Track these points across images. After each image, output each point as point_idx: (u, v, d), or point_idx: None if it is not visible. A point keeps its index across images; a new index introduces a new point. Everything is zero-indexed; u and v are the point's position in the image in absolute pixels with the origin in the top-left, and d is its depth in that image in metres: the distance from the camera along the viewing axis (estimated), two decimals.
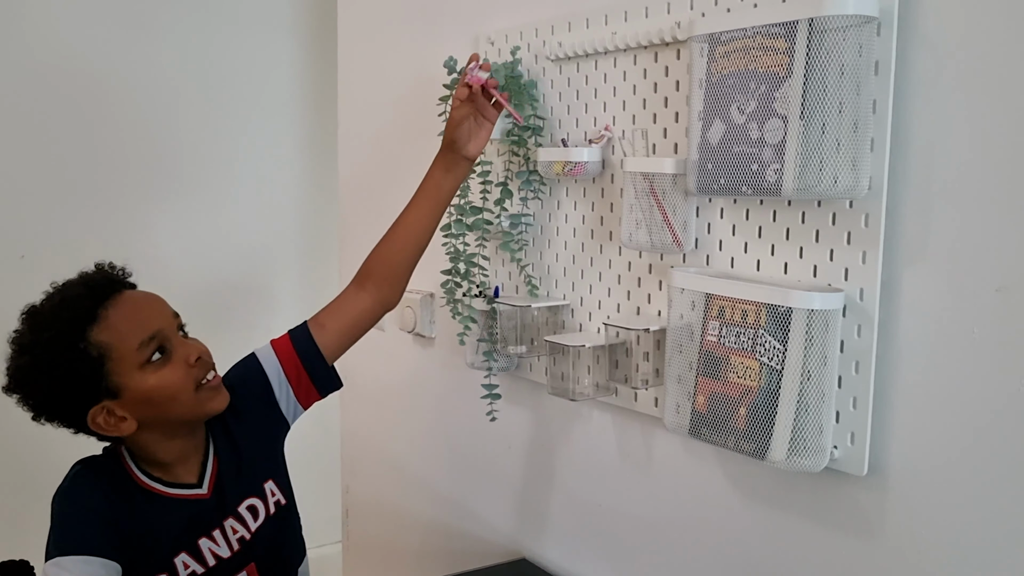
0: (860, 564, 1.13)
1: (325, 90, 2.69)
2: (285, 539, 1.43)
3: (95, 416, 1.23)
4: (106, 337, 1.21)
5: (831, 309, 1.08)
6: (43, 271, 1.32)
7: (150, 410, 1.24)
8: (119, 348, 1.21)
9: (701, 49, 1.18)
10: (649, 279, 1.40)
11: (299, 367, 1.42)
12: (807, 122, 1.06)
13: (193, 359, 1.26)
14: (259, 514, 1.37)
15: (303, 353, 1.42)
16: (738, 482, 1.29)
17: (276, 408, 1.42)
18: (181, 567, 1.29)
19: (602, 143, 1.44)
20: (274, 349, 1.43)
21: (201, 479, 1.33)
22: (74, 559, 1.17)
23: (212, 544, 1.32)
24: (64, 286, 1.27)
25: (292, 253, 2.89)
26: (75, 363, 1.20)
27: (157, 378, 1.23)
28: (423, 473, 2.10)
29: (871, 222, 1.07)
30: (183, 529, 1.30)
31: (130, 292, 1.28)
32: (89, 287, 1.25)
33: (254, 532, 1.36)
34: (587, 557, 1.60)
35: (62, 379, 1.20)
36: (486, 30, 1.71)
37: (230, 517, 1.34)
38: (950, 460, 1.02)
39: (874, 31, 1.04)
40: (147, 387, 1.22)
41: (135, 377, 1.22)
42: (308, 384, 1.43)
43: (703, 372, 1.20)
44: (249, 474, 1.38)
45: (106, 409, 1.23)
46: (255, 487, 1.38)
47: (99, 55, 2.53)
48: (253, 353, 1.43)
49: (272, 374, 1.41)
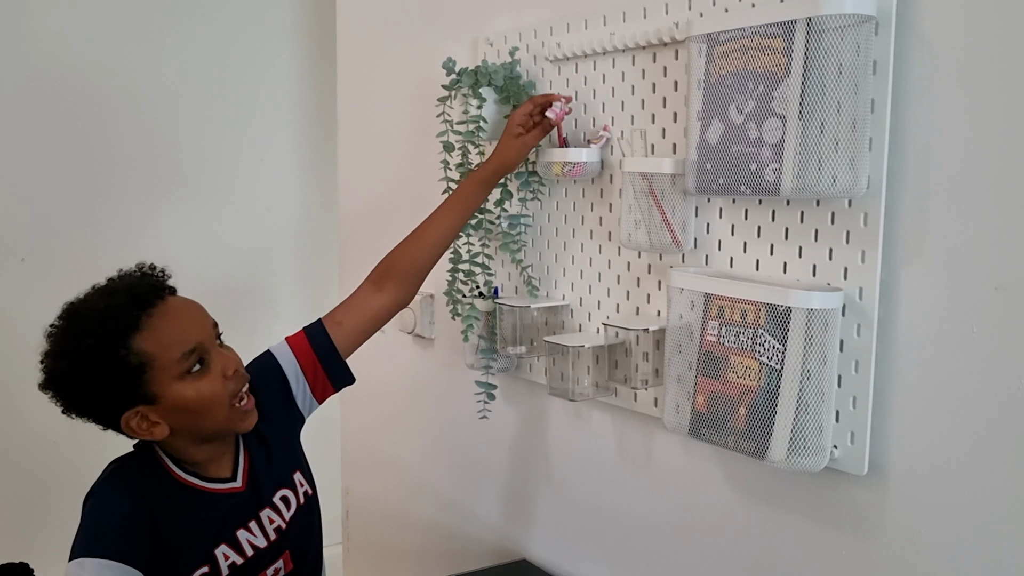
0: (860, 563, 1.13)
1: (325, 92, 2.69)
2: (313, 527, 1.46)
3: (129, 420, 1.24)
4: (149, 346, 1.21)
5: (830, 308, 1.08)
6: (44, 274, 1.32)
7: (184, 418, 1.26)
8: (161, 358, 1.22)
9: (699, 49, 1.19)
10: (648, 279, 1.40)
11: (316, 363, 1.45)
12: (805, 122, 1.06)
13: (230, 372, 1.28)
14: (291, 504, 1.40)
15: (320, 349, 1.45)
16: (738, 482, 1.29)
17: (293, 403, 1.45)
18: (222, 558, 1.31)
19: (601, 144, 1.44)
20: (290, 346, 1.46)
21: (235, 473, 1.35)
22: (96, 562, 1.18)
23: (250, 535, 1.34)
24: (108, 290, 1.26)
25: (292, 254, 2.90)
26: (115, 370, 1.20)
27: (195, 389, 1.24)
28: (423, 474, 2.10)
29: (870, 221, 1.07)
30: (222, 522, 1.32)
31: (173, 300, 1.28)
32: (134, 294, 1.24)
33: (288, 521, 1.39)
34: (587, 557, 1.60)
35: (101, 384, 1.21)
36: (485, 31, 1.71)
37: (267, 507, 1.37)
38: (950, 459, 1.02)
39: (872, 31, 1.04)
40: (185, 397, 1.24)
41: (173, 387, 1.23)
42: (324, 379, 1.46)
43: (703, 372, 1.20)
44: (279, 466, 1.41)
45: (140, 414, 1.23)
46: (286, 478, 1.41)
47: (100, 58, 2.53)
48: (269, 350, 1.46)
49: (289, 370, 1.44)
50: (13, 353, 1.65)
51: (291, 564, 1.40)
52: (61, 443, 1.38)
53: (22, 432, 2.48)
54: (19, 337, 1.41)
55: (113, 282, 1.29)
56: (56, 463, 1.31)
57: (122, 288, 1.26)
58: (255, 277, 2.83)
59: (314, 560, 1.46)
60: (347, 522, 2.50)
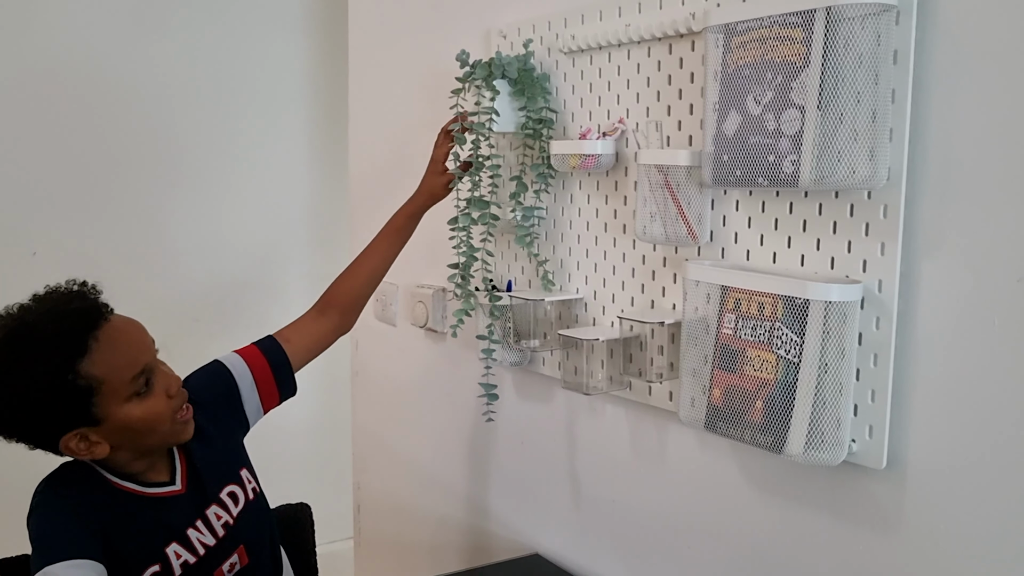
0: (878, 558, 1.12)
1: (336, 85, 2.69)
2: (263, 524, 1.48)
3: (68, 441, 1.22)
4: (98, 371, 1.19)
5: (849, 301, 1.07)
6: (55, 268, 1.32)
7: (127, 437, 1.26)
8: (111, 382, 1.21)
9: (716, 40, 1.17)
10: (663, 272, 1.39)
11: (269, 374, 1.52)
12: (824, 112, 1.04)
13: (173, 390, 1.30)
14: (239, 499, 1.43)
15: (274, 362, 1.52)
16: (754, 476, 1.29)
17: (241, 409, 1.50)
18: (173, 556, 1.32)
19: (615, 136, 1.43)
20: (243, 358, 1.52)
21: (173, 476, 1.37)
22: (61, 565, 1.17)
23: (199, 534, 1.36)
24: (53, 312, 1.21)
25: (303, 248, 2.90)
26: (61, 395, 1.18)
27: (142, 409, 1.25)
28: (434, 468, 2.10)
29: (890, 213, 1.05)
30: (167, 523, 1.33)
31: (116, 320, 1.26)
32: (80, 314, 1.22)
33: (236, 516, 1.41)
34: (600, 552, 1.59)
35: (42, 409, 1.19)
36: (498, 23, 1.70)
37: (213, 504, 1.39)
38: (970, 453, 1.01)
39: (892, 20, 1.02)
40: (131, 418, 1.24)
41: (121, 408, 1.23)
42: (274, 390, 1.53)
43: (719, 365, 1.20)
44: (225, 463, 1.44)
45: (80, 435, 1.22)
46: (232, 475, 1.44)
47: (110, 54, 2.54)
48: (217, 360, 1.51)
49: (242, 380, 1.49)
50: None
51: (247, 558, 1.42)
52: None
53: None
54: None
55: (49, 300, 1.25)
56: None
57: (67, 310, 1.22)
58: (266, 271, 2.83)
59: (271, 556, 1.50)
60: (358, 516, 2.50)
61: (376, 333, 2.28)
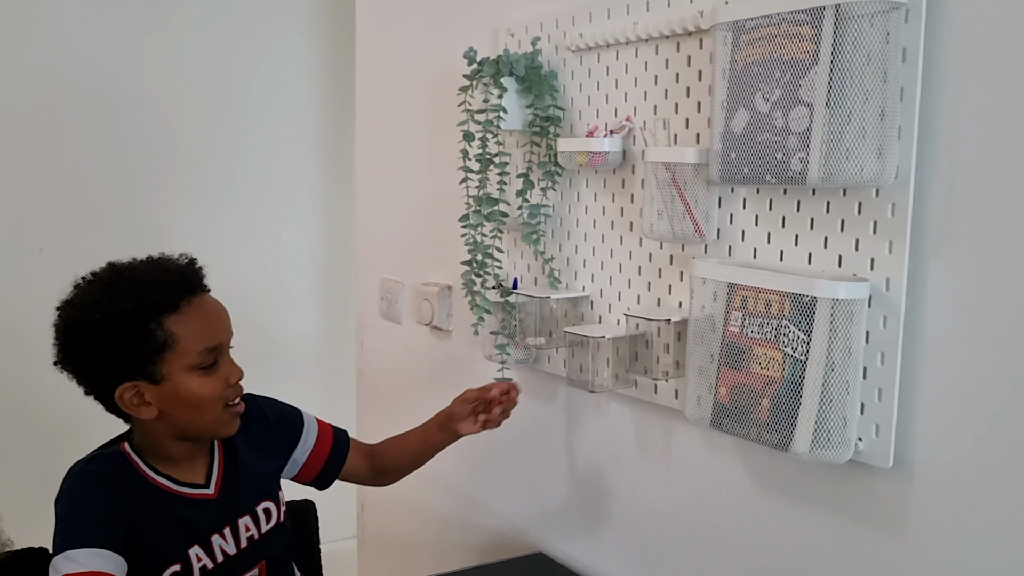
0: (884, 557, 1.12)
1: (342, 85, 2.69)
2: (288, 546, 1.50)
3: (124, 391, 1.25)
4: (179, 329, 1.25)
5: (856, 299, 1.07)
6: (61, 264, 1.33)
7: (177, 407, 1.28)
8: (184, 345, 1.25)
9: (725, 37, 1.17)
10: (670, 270, 1.39)
11: (323, 457, 1.54)
12: (833, 110, 1.04)
13: (233, 380, 1.33)
14: (272, 517, 1.44)
15: (334, 452, 1.56)
16: (760, 475, 1.28)
17: (289, 453, 1.51)
18: (194, 559, 1.33)
19: (623, 133, 1.43)
20: (318, 427, 1.56)
21: (208, 480, 1.37)
22: (84, 551, 1.19)
23: (222, 541, 1.36)
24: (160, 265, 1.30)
25: (309, 250, 2.90)
26: (138, 339, 1.23)
27: (199, 384, 1.28)
28: (438, 466, 2.09)
29: (898, 211, 1.05)
30: (193, 525, 1.34)
31: (210, 297, 1.33)
32: (183, 277, 1.29)
33: (263, 533, 1.42)
34: (605, 551, 1.59)
35: (117, 347, 1.23)
36: (506, 21, 1.71)
37: (246, 515, 1.40)
38: (977, 453, 1.01)
39: (902, 18, 1.02)
40: (187, 389, 1.27)
41: (184, 376, 1.26)
42: (316, 471, 1.55)
43: (725, 363, 1.19)
44: (266, 479, 1.46)
45: (137, 389, 1.26)
46: (271, 493, 1.46)
47: (117, 54, 2.54)
48: (301, 411, 1.55)
49: (305, 435, 1.53)
50: (31, 343, 1.66)
51: (266, 574, 1.43)
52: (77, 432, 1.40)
53: (40, 421, 2.49)
54: (37, 327, 1.42)
55: (164, 260, 1.32)
56: (72, 452, 1.32)
57: (173, 268, 1.31)
58: (271, 272, 2.83)
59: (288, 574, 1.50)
60: (362, 514, 2.50)
61: (381, 331, 2.28)
